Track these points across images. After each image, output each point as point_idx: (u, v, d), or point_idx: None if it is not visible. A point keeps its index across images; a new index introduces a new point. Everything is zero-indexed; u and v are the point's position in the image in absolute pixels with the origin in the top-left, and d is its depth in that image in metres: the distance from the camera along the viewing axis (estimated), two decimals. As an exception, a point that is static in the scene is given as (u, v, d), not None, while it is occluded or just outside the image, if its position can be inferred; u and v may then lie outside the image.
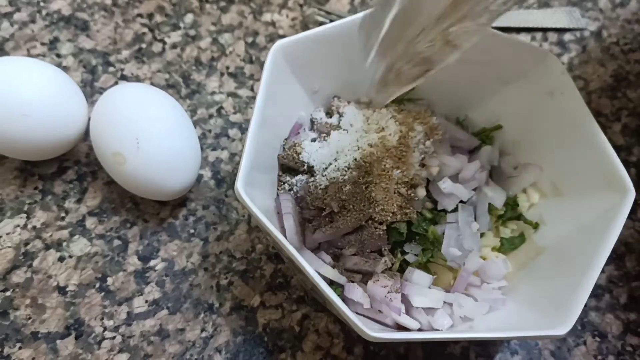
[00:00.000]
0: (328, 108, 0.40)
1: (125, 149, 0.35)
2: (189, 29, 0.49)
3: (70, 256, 0.38)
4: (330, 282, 0.33)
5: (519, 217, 0.38)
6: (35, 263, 0.38)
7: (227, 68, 0.47)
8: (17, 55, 0.45)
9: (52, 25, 0.47)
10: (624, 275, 0.41)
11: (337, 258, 0.35)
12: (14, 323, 0.36)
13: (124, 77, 0.46)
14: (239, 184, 0.29)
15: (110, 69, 0.46)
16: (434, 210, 0.36)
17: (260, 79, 0.33)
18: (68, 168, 0.41)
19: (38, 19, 0.47)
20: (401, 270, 0.35)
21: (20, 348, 0.35)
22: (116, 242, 0.39)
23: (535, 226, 0.37)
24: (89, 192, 0.41)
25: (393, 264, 0.34)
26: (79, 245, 0.39)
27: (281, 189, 0.36)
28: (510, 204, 0.38)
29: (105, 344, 0.36)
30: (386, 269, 0.34)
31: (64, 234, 0.39)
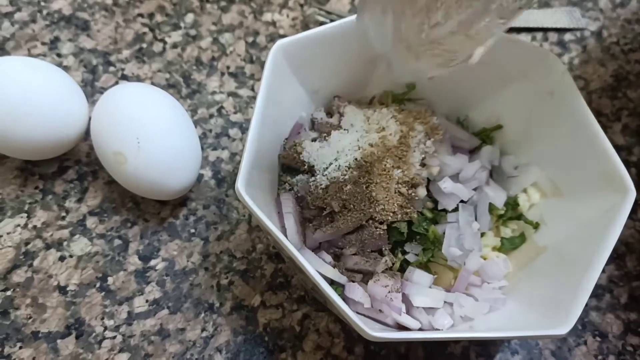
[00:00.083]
0: (328, 108, 0.40)
1: (126, 149, 0.35)
2: (190, 28, 0.49)
3: (70, 256, 0.38)
4: (330, 282, 0.33)
5: (519, 217, 0.38)
6: (35, 262, 0.38)
7: (228, 68, 0.47)
8: (18, 54, 0.45)
9: (53, 24, 0.47)
10: (624, 275, 0.41)
11: (338, 258, 0.35)
12: (14, 322, 0.36)
13: (124, 77, 0.46)
14: (239, 184, 0.29)
15: (111, 68, 0.46)
16: (434, 210, 0.36)
17: (260, 79, 0.33)
18: (69, 168, 0.41)
19: (39, 19, 0.47)
20: (402, 270, 0.35)
21: (20, 348, 0.35)
22: (117, 242, 0.39)
23: (536, 226, 0.37)
24: (90, 192, 0.41)
25: (394, 264, 0.34)
26: (80, 245, 0.39)
27: (282, 189, 0.36)
28: (511, 204, 0.38)
29: (106, 343, 0.36)
30: (387, 269, 0.34)
31: (65, 233, 0.39)
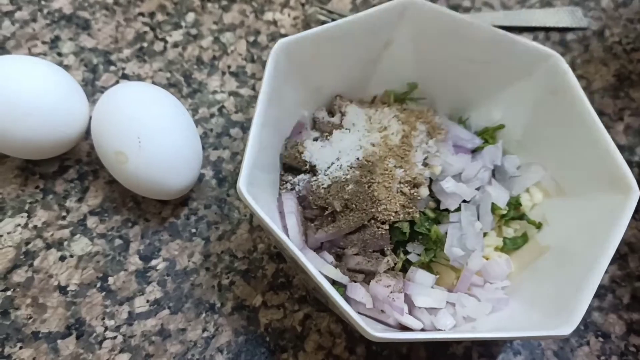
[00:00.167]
0: (330, 107, 0.40)
1: (127, 148, 0.35)
2: (191, 27, 0.49)
3: (71, 255, 0.38)
4: (332, 282, 0.33)
5: (522, 217, 0.38)
6: (36, 262, 0.38)
7: (229, 67, 0.47)
8: (18, 54, 0.45)
9: (54, 24, 0.47)
10: (627, 275, 0.41)
11: (340, 258, 0.35)
12: (14, 323, 0.36)
13: (125, 76, 0.45)
14: (241, 183, 0.29)
15: (112, 67, 0.46)
16: (436, 210, 0.36)
17: (261, 78, 0.33)
18: (69, 167, 0.41)
19: (39, 18, 0.47)
20: (404, 270, 0.35)
21: (21, 348, 0.35)
22: (117, 242, 0.39)
23: (539, 226, 0.37)
24: (90, 191, 0.41)
25: (396, 264, 0.34)
26: (80, 245, 0.39)
27: (283, 189, 0.36)
28: (513, 204, 0.38)
29: (107, 343, 0.36)
30: (389, 269, 0.34)
31: (65, 233, 0.39)
